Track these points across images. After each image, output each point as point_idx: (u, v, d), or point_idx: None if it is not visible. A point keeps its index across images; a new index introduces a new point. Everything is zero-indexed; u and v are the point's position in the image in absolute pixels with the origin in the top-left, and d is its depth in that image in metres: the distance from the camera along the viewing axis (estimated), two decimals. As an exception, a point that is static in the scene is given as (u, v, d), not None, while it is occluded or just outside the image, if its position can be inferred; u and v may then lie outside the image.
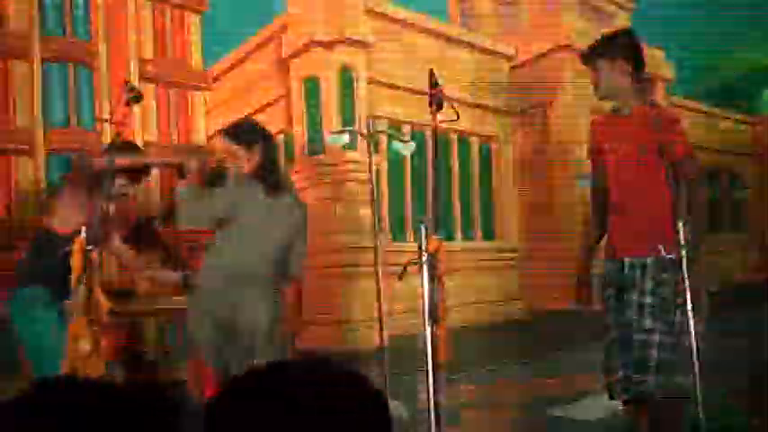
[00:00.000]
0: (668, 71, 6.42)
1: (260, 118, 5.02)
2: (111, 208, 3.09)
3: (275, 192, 2.72)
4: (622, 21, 5.47)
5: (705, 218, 2.45)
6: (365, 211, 4.46)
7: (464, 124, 4.41)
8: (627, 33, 2.49)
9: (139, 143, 4.45)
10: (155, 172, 4.52)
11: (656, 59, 6.05)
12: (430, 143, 4.65)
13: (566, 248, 4.86)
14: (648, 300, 2.31)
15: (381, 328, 3.47)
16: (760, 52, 4.84)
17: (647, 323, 2.28)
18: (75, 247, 2.80)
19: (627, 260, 2.36)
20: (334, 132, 4.57)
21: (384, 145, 4.88)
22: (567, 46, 5.19)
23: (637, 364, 2.33)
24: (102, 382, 0.93)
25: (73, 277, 2.80)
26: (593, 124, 2.58)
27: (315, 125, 4.90)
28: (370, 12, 4.88)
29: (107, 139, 4.29)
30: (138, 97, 2.90)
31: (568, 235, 4.93)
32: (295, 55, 4.95)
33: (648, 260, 2.33)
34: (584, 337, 4.17)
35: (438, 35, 5.10)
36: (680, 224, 2.24)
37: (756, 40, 4.71)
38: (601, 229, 2.48)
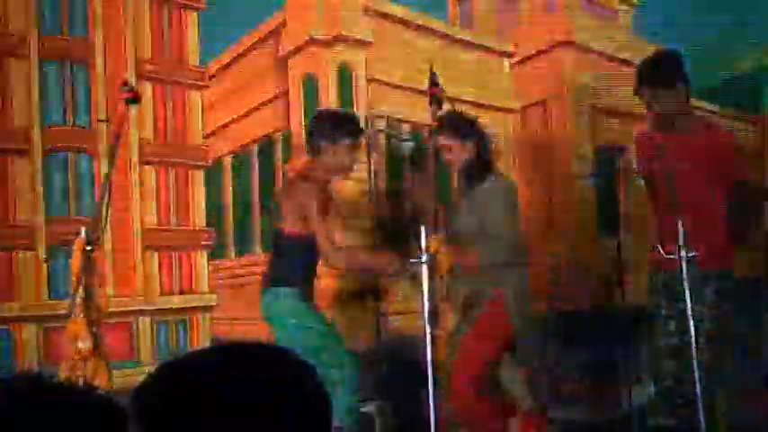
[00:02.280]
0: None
1: (258, 115, 5.00)
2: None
3: (478, 183, 2.73)
4: (624, 16, 5.43)
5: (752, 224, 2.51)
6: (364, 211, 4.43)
7: (464, 123, 4.37)
8: (675, 57, 2.53)
9: (136, 141, 4.44)
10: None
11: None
12: (429, 142, 4.63)
13: (565, 248, 4.84)
14: (711, 310, 2.39)
15: (378, 328, 3.46)
16: (762, 51, 4.81)
17: (710, 328, 2.35)
18: (75, 246, 2.78)
19: (679, 270, 2.42)
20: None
21: (382, 144, 4.85)
22: (568, 42, 5.16)
23: (693, 366, 2.40)
24: (65, 384, 0.93)
25: (72, 278, 2.79)
26: (640, 138, 2.62)
27: (313, 124, 4.87)
28: (368, 10, 4.85)
29: (104, 138, 4.27)
30: (135, 98, 2.88)
31: (568, 235, 4.91)
32: (293, 53, 4.93)
33: (711, 272, 2.40)
34: (585, 337, 4.16)
35: (438, 34, 5.08)
36: (679, 224, 2.24)
37: (759, 39, 4.69)
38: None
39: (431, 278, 2.42)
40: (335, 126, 2.83)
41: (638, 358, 3.62)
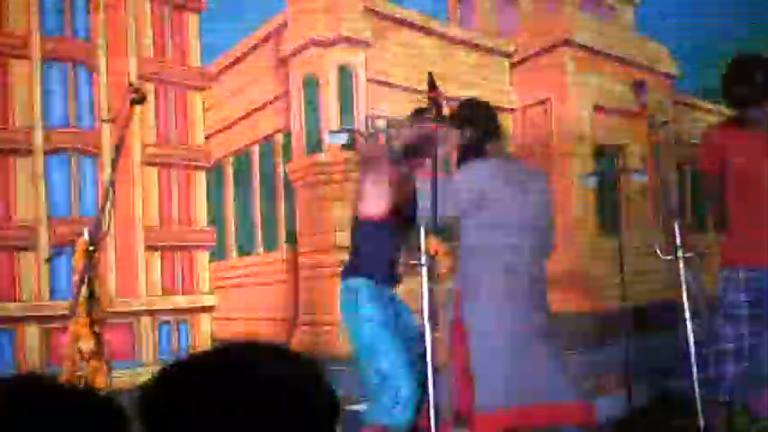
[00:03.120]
0: (673, 67, 6.37)
1: (259, 116, 5.01)
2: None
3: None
4: (625, 15, 5.43)
5: None
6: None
7: (464, 123, 4.37)
8: (764, 62, 2.49)
9: (138, 142, 4.45)
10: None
11: (661, 55, 6.00)
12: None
13: (565, 249, 4.84)
14: None
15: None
16: (763, 50, 4.81)
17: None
18: (78, 247, 2.79)
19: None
20: (332, 131, 4.55)
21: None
22: (568, 42, 5.16)
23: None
24: (61, 385, 0.93)
25: (75, 278, 2.80)
26: (717, 137, 2.58)
27: (313, 124, 4.90)
28: (369, 11, 4.86)
29: (107, 139, 4.29)
30: (141, 98, 2.89)
31: (568, 235, 4.91)
32: (294, 54, 4.94)
33: None
34: (585, 338, 4.16)
35: (438, 34, 5.08)
36: (676, 225, 2.24)
37: (760, 38, 4.69)
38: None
39: (431, 279, 2.41)
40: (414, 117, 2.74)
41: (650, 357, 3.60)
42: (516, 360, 2.46)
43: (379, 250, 2.57)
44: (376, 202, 2.60)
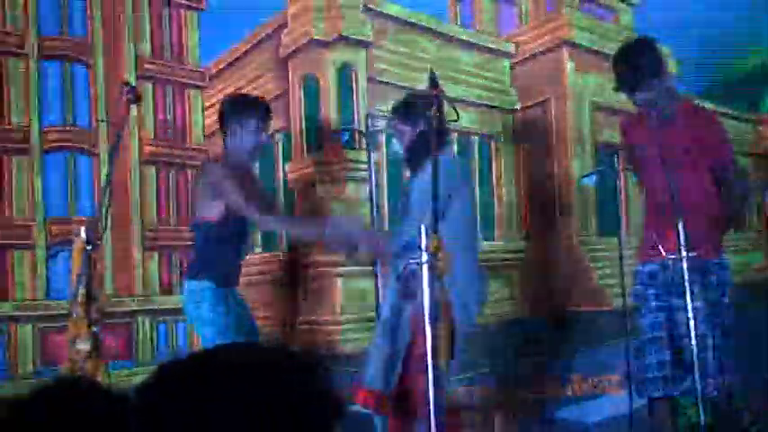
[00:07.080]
0: (673, 67, 6.36)
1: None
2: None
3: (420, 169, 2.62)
4: (625, 15, 5.43)
5: (743, 211, 2.45)
6: (364, 211, 4.44)
7: (464, 123, 4.38)
8: (651, 49, 2.49)
9: (136, 142, 4.44)
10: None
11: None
12: (429, 142, 4.61)
13: (565, 249, 4.84)
14: (695, 302, 2.34)
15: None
16: (763, 50, 4.82)
17: (693, 325, 2.31)
18: (75, 246, 2.78)
19: (671, 262, 2.38)
20: (332, 131, 4.54)
21: (383, 144, 4.86)
22: (568, 42, 5.16)
23: (684, 365, 2.36)
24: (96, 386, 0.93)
25: (72, 278, 2.79)
26: (623, 126, 2.58)
27: (313, 124, 4.89)
28: (369, 11, 4.86)
29: (104, 138, 4.28)
30: (137, 98, 2.88)
31: (568, 235, 4.91)
32: (293, 54, 4.93)
33: (695, 262, 2.35)
34: (586, 338, 4.16)
35: (438, 34, 5.08)
36: (679, 224, 2.23)
37: (760, 38, 4.70)
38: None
39: (431, 278, 2.41)
40: (243, 108, 2.96)
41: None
42: None
43: (220, 252, 2.73)
44: (216, 205, 2.76)
